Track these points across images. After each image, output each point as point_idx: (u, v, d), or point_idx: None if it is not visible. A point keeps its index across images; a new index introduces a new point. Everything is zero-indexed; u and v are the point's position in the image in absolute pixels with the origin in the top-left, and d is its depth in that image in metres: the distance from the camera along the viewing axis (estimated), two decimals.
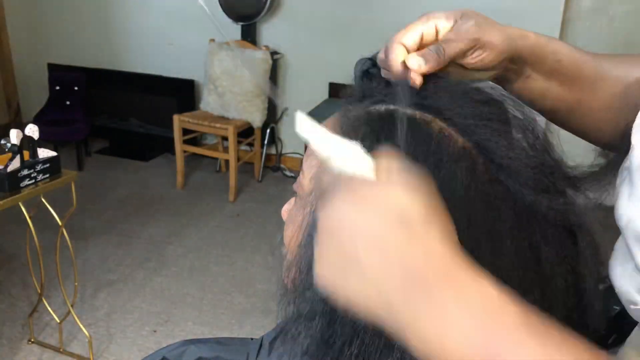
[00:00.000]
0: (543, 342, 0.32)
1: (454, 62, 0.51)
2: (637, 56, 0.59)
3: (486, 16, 0.53)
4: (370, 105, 0.50)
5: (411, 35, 0.49)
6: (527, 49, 0.54)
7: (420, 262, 0.34)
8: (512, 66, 0.55)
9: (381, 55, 0.51)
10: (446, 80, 0.51)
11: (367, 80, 0.55)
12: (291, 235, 0.55)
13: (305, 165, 0.55)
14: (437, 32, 0.50)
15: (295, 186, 0.56)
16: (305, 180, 0.54)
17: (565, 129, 0.60)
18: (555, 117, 0.60)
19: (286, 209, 0.59)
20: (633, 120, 0.53)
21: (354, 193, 0.37)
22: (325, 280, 0.38)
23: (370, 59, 0.56)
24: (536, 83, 0.57)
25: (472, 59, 0.51)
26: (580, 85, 0.57)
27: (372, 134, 0.47)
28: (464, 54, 0.50)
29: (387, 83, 0.52)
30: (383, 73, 0.52)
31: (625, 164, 0.49)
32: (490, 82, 0.53)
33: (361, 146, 0.40)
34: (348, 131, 0.49)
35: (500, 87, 0.52)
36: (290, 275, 0.53)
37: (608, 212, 0.49)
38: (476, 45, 0.50)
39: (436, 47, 0.48)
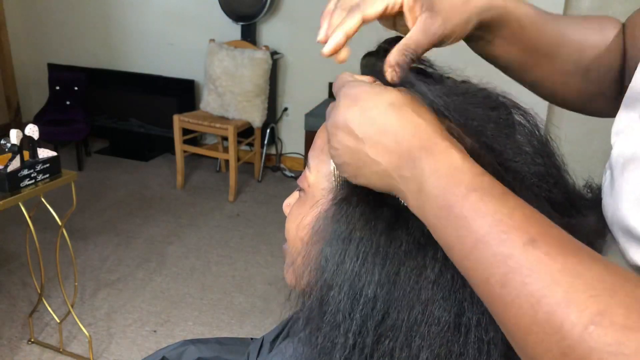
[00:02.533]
0: (494, 206, 0.38)
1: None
2: (599, 20, 0.62)
3: None
4: None
5: (376, 8, 0.50)
6: (491, 18, 0.56)
7: (407, 135, 0.43)
8: (475, 33, 0.56)
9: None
10: (454, 81, 0.53)
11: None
12: (295, 230, 0.55)
13: (312, 161, 0.55)
14: (401, 6, 0.51)
15: (299, 181, 0.56)
16: (312, 175, 0.54)
17: (520, 83, 0.65)
18: (509, 73, 0.64)
19: (288, 203, 0.59)
20: (585, 86, 0.59)
21: (352, 99, 0.45)
22: (344, 173, 0.48)
23: (372, 53, 0.56)
24: (496, 48, 0.60)
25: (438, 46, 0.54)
26: (539, 51, 0.60)
27: None
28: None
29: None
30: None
31: (607, 163, 0.51)
32: (499, 90, 0.54)
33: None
34: None
35: (508, 94, 0.53)
36: (296, 273, 0.54)
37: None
38: (443, 40, 0.53)
39: (411, 53, 0.50)
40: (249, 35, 3.65)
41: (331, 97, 3.66)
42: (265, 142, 3.72)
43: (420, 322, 0.44)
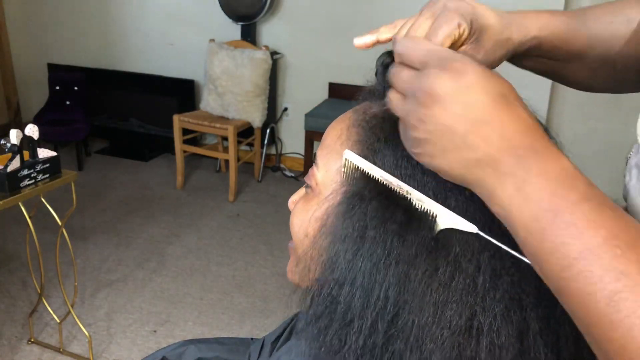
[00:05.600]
0: (610, 218, 0.36)
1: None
2: (623, 8, 0.61)
3: (498, 12, 0.53)
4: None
5: (450, 39, 0.49)
6: (523, 48, 0.57)
7: (516, 132, 0.39)
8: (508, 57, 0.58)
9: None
10: None
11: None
12: (299, 226, 0.55)
13: (321, 159, 0.54)
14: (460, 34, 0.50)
15: (307, 178, 0.56)
16: (320, 173, 0.54)
17: (541, 75, 0.66)
18: (542, 75, 0.65)
19: (294, 200, 0.59)
20: (612, 75, 0.59)
21: (460, 74, 0.40)
22: (416, 148, 0.43)
23: (390, 52, 0.55)
24: (528, 63, 0.61)
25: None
26: (569, 56, 0.61)
27: (395, 134, 0.47)
28: None
29: None
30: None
31: (632, 161, 0.49)
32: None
33: None
34: (366, 128, 0.50)
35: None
36: (301, 271, 0.53)
37: None
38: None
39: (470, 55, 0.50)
40: (249, 35, 3.65)
41: (331, 97, 3.66)
42: (265, 142, 3.72)
43: (431, 325, 0.44)
